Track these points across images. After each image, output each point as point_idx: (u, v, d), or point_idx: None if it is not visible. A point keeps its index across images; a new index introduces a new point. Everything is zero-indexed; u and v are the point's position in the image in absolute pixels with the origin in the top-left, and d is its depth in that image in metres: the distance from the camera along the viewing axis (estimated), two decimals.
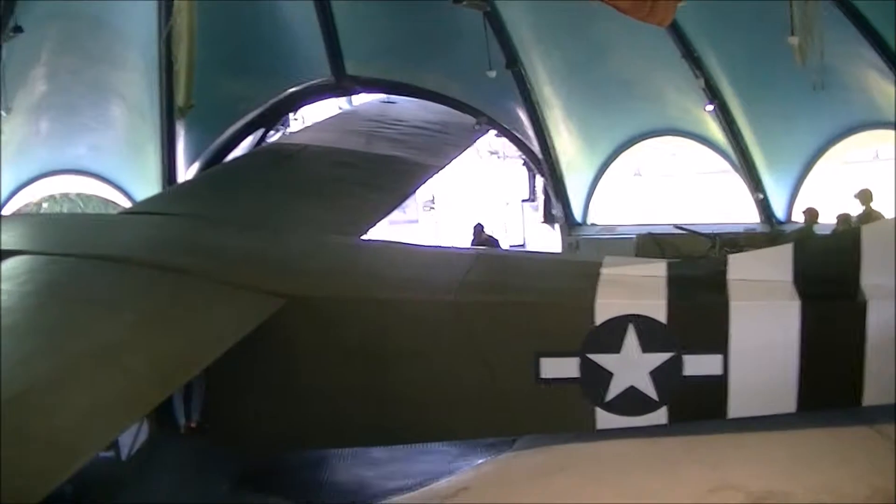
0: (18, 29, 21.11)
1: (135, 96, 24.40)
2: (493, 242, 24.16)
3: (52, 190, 26.82)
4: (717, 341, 11.28)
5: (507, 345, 11.73)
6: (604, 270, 12.07)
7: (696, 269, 12.72)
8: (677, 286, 11.78)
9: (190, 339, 11.18)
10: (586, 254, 22.32)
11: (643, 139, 24.21)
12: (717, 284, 11.78)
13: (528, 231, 29.91)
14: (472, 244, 23.84)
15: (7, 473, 7.85)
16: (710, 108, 22.51)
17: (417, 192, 20.39)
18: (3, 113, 22.03)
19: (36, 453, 8.31)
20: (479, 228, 24.41)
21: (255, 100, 25.61)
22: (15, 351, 10.20)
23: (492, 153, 36.18)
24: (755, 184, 23.09)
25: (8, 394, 8.90)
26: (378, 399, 12.24)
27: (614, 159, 24.40)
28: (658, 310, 11.38)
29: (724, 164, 23.68)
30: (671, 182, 24.46)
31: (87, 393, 9.43)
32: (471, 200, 32.23)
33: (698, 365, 11.33)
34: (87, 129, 24.75)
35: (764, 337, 11.37)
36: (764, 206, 23.12)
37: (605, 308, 11.42)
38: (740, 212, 23.64)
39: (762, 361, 11.32)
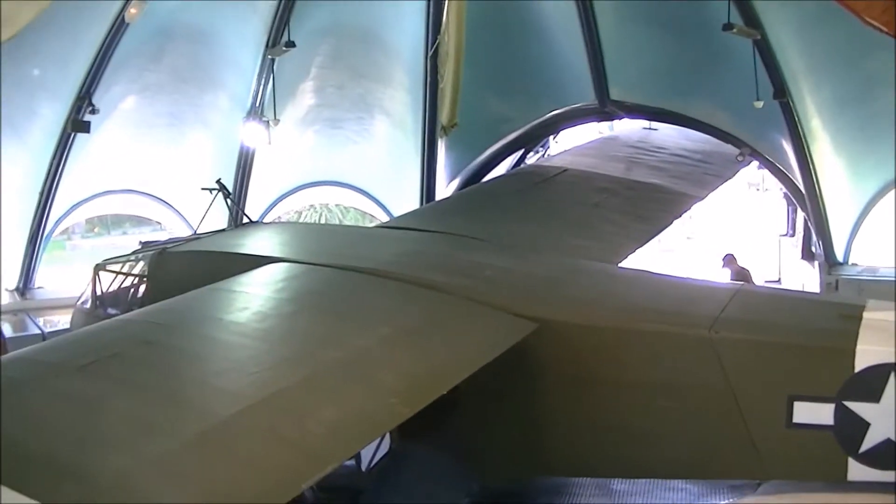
0: (291, 44, 21.93)
1: (398, 113, 24.94)
2: (746, 274, 23.70)
3: (312, 199, 27.62)
4: None
5: (761, 385, 11.35)
6: (867, 315, 11.47)
7: None
8: None
9: (441, 357, 11.23)
10: (846, 295, 21.57)
11: None
12: None
13: (785, 267, 29.17)
14: (725, 274, 23.48)
15: (256, 472, 8.17)
16: None
17: (676, 221, 20.09)
18: (272, 124, 22.80)
19: (284, 455, 8.49)
20: (730, 258, 23.99)
21: (518, 120, 25.75)
22: (268, 354, 10.56)
23: (751, 185, 35.51)
24: None
25: (261, 394, 9.21)
26: (623, 431, 12.04)
27: (882, 197, 23.47)
28: None
29: None
30: None
31: (337, 402, 9.57)
32: (728, 232, 31.69)
33: None
34: (351, 142, 25.49)
35: None
36: None
37: (867, 354, 10.90)
38: None
39: None
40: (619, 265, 15.83)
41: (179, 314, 11.63)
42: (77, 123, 22.22)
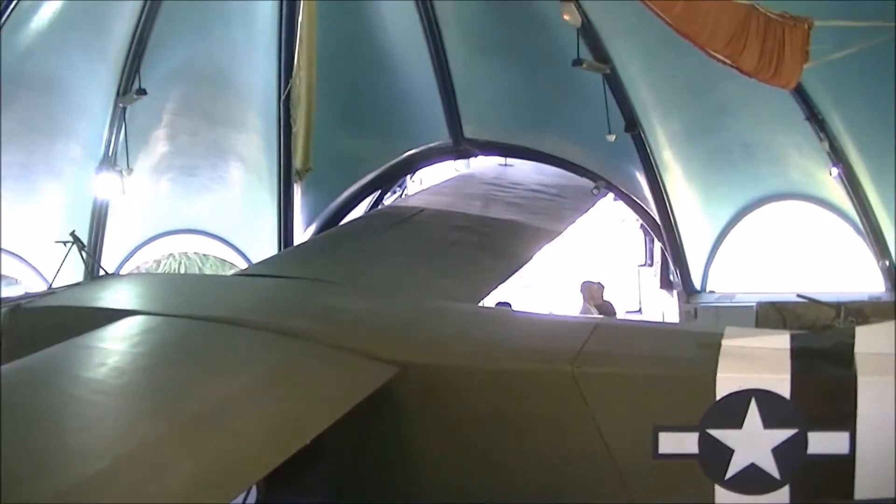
0: (142, 91, 21.64)
1: (253, 158, 24.79)
2: (609, 308, 23.88)
3: (170, 249, 27.26)
4: (843, 418, 10.69)
5: (625, 418, 11.34)
6: (725, 342, 11.59)
7: (821, 340, 12.01)
8: (802, 359, 11.25)
9: (303, 405, 11.06)
10: (705, 322, 21.92)
11: (765, 203, 23.78)
12: (843, 357, 11.19)
13: (645, 296, 29.55)
14: (586, 305, 23.60)
15: None
16: (834, 171, 22.02)
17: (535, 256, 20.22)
18: (125, 174, 22.49)
19: None
20: (591, 286, 24.06)
21: (373, 162, 25.83)
22: (124, 412, 10.30)
23: (608, 216, 35.95)
24: (881, 250, 22.51)
25: (120, 451, 8.95)
26: (489, 469, 11.94)
27: (735, 225, 23.99)
28: (782, 384, 10.89)
29: (849, 229, 23.14)
30: (793, 248, 23.87)
31: (199, 456, 9.33)
32: (587, 264, 32.01)
33: (823, 443, 10.78)
34: (206, 189, 25.21)
35: (894, 415, 10.80)
36: (890, 274, 22.51)
37: (727, 382, 10.97)
38: (865, 279, 23.04)
39: (893, 441, 10.77)
40: (479, 304, 15.84)
41: (34, 372, 11.30)
42: None
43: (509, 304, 23.13)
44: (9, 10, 20.52)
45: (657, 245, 26.63)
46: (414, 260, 17.68)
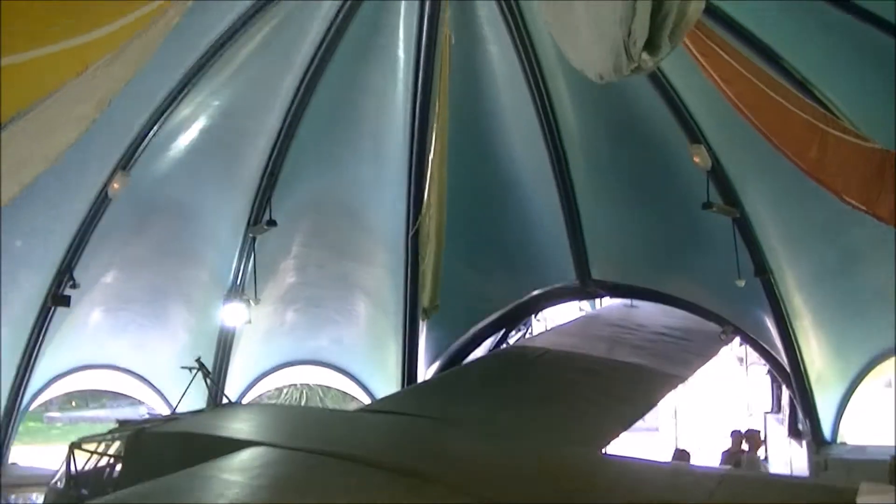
0: (272, 223, 22.02)
1: (379, 293, 24.92)
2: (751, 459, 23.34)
3: (293, 379, 27.40)
4: None
5: None
6: (860, 500, 11.18)
7: None
8: None
9: None
10: (835, 475, 21.25)
11: None
12: None
13: (771, 444, 28.85)
14: (730, 452, 23.05)
15: None
16: None
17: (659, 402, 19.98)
18: (252, 303, 22.73)
19: None
20: (755, 435, 23.59)
21: (499, 301, 25.83)
22: None
23: (735, 360, 35.37)
24: None
25: None
26: None
27: (867, 373, 23.29)
28: None
29: None
30: None
31: None
32: (712, 409, 31.44)
33: None
34: (331, 322, 25.39)
35: None
36: None
37: None
38: None
39: None
40: (603, 450, 15.58)
41: (153, 499, 11.37)
42: (57, 298, 22.10)
43: (688, 453, 22.74)
44: (147, 138, 21.14)
45: (785, 392, 26.01)
46: (538, 402, 17.51)
